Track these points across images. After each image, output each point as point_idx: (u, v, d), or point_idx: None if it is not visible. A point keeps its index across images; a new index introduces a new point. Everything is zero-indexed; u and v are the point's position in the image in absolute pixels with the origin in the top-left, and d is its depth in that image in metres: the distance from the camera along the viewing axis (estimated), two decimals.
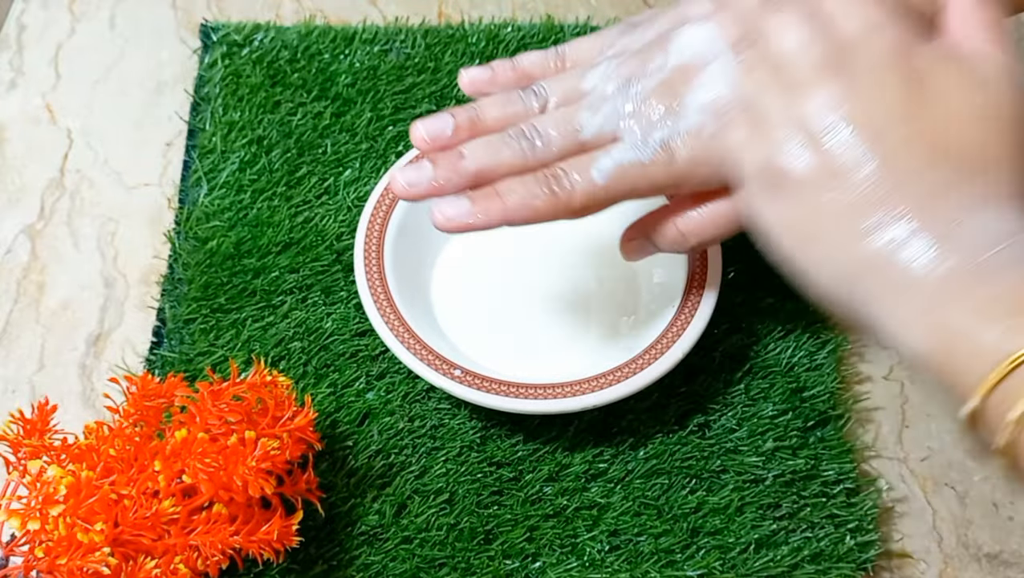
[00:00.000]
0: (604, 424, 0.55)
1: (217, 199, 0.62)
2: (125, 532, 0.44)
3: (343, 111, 0.66)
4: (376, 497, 0.53)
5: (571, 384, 0.51)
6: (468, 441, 0.55)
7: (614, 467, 0.54)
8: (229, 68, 0.67)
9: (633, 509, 0.53)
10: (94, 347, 0.59)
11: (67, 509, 0.43)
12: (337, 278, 0.60)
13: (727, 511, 0.53)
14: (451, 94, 0.67)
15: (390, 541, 0.52)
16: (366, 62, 0.68)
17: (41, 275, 0.61)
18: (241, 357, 0.56)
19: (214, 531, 0.45)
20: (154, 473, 0.45)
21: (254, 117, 0.65)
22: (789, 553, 0.52)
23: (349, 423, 0.55)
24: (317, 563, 0.51)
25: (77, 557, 0.43)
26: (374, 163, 0.64)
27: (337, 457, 0.54)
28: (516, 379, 0.52)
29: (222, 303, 0.58)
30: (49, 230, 0.63)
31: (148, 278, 0.61)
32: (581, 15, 0.72)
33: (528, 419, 0.55)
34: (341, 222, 0.61)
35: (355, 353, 0.57)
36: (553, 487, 0.53)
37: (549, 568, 0.51)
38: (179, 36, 0.71)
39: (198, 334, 0.57)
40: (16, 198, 0.64)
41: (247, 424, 0.46)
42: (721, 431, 0.55)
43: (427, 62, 0.68)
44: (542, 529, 0.52)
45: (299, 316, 0.58)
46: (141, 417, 0.48)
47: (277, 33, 0.69)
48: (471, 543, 0.52)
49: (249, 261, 0.60)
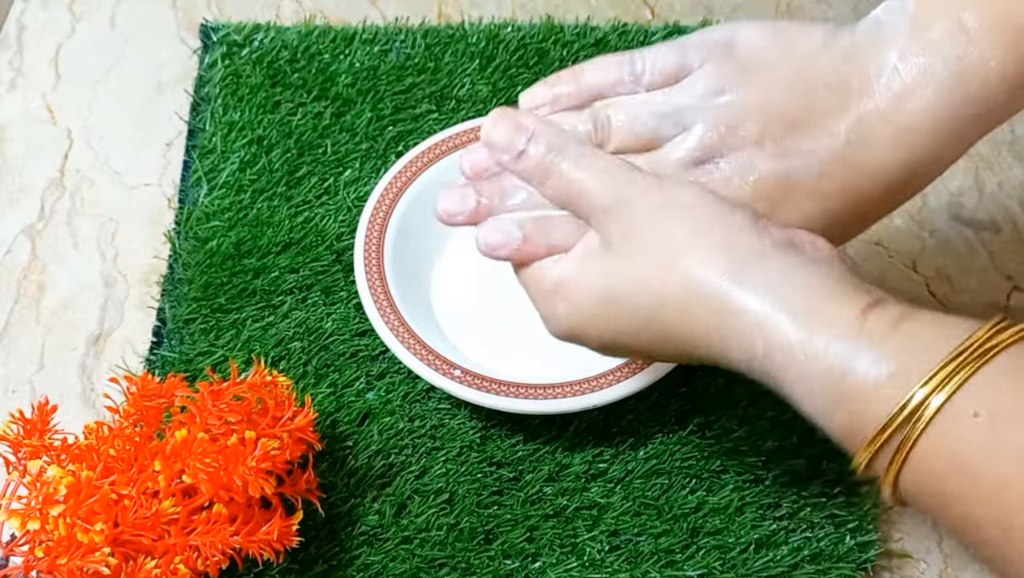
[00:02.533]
0: (604, 424, 0.55)
1: (217, 199, 0.62)
2: (125, 532, 0.44)
3: (343, 111, 0.66)
4: (376, 497, 0.53)
5: (571, 384, 0.51)
6: (468, 441, 0.55)
7: (614, 467, 0.54)
8: (229, 68, 0.67)
9: (633, 509, 0.53)
10: (94, 347, 0.59)
11: (67, 509, 0.43)
12: (337, 278, 0.60)
13: (727, 511, 0.53)
14: (451, 94, 0.67)
15: (390, 541, 0.52)
16: (366, 62, 0.68)
17: (41, 275, 0.61)
18: (241, 357, 0.56)
19: (214, 531, 0.45)
20: (154, 473, 0.45)
21: (254, 117, 0.65)
22: (789, 553, 0.52)
23: (349, 423, 0.55)
24: (317, 563, 0.51)
25: (77, 557, 0.43)
26: (374, 163, 0.64)
27: (337, 457, 0.54)
28: (516, 379, 0.52)
29: (222, 303, 0.58)
30: (49, 230, 0.63)
31: (148, 278, 0.61)
32: (581, 15, 0.72)
33: (528, 419, 0.55)
34: (341, 222, 0.61)
35: (355, 353, 0.57)
36: (553, 487, 0.53)
37: (549, 568, 0.51)
38: (179, 36, 0.71)
39: (198, 334, 0.57)
40: (16, 198, 0.64)
41: (247, 424, 0.46)
42: (721, 431, 0.55)
43: (427, 62, 0.68)
44: (542, 529, 0.52)
45: (299, 316, 0.58)
46: (141, 417, 0.48)
47: (277, 33, 0.69)
48: (471, 543, 0.52)
49: (249, 261, 0.60)
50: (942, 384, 0.32)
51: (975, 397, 0.32)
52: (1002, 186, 0.66)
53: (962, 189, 0.66)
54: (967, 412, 0.32)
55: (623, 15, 0.72)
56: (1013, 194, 0.66)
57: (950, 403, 0.32)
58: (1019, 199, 0.65)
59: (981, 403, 0.32)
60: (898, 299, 0.36)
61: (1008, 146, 0.67)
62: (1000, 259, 0.63)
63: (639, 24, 0.71)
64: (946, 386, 0.32)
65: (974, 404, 0.32)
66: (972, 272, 0.62)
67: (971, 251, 0.63)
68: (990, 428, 0.31)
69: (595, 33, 0.70)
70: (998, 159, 0.67)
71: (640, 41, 0.70)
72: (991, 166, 0.67)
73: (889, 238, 0.64)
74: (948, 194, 0.65)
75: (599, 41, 0.70)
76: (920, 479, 0.33)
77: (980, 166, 0.66)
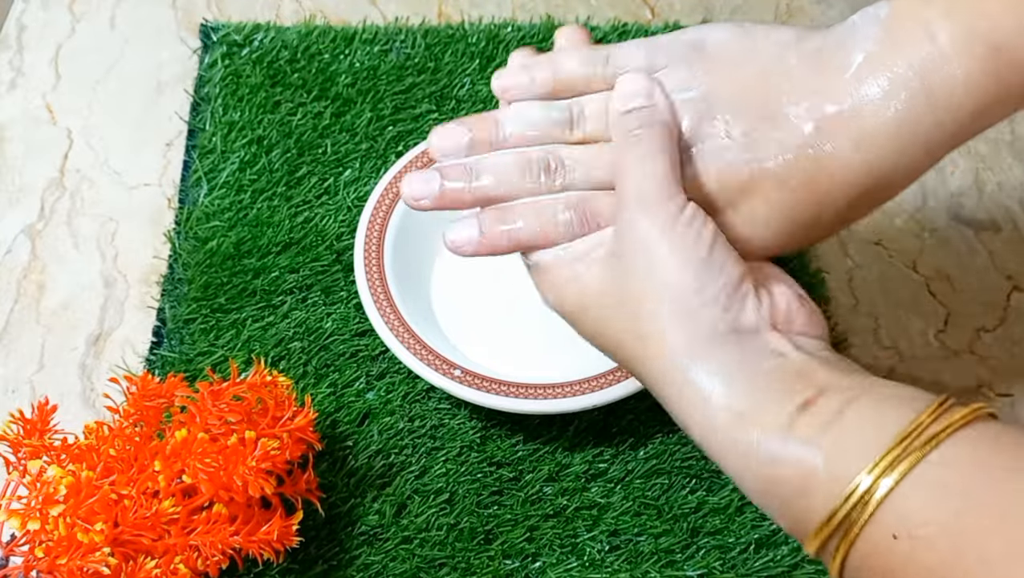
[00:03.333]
0: (604, 424, 0.55)
1: (217, 199, 0.62)
2: (125, 532, 0.44)
3: (343, 111, 0.66)
4: (376, 497, 0.53)
5: (571, 384, 0.51)
6: (468, 441, 0.55)
7: (614, 467, 0.54)
8: (229, 68, 0.67)
9: (633, 509, 0.53)
10: (94, 347, 0.59)
11: (67, 509, 0.43)
12: (337, 278, 0.60)
13: (727, 511, 0.53)
14: (451, 94, 0.67)
15: (390, 541, 0.52)
16: (366, 62, 0.68)
17: (41, 275, 0.61)
18: (241, 357, 0.56)
19: (214, 531, 0.45)
20: (154, 473, 0.45)
21: (254, 117, 0.65)
22: (789, 553, 0.52)
23: (349, 423, 0.55)
24: (317, 563, 0.51)
25: (77, 557, 0.43)
26: (374, 163, 0.64)
27: (337, 457, 0.54)
28: (516, 379, 0.52)
29: (222, 303, 0.58)
30: (49, 230, 0.63)
31: (148, 278, 0.61)
32: (581, 15, 0.72)
33: (528, 419, 0.55)
34: (341, 222, 0.61)
35: (355, 353, 0.57)
36: (553, 487, 0.53)
37: (549, 568, 0.51)
38: (179, 36, 0.71)
39: (198, 334, 0.57)
40: (16, 198, 0.64)
41: (247, 424, 0.46)
42: None
43: (427, 62, 0.68)
44: (542, 529, 0.52)
45: (299, 316, 0.58)
46: (141, 417, 0.48)
47: (277, 33, 0.69)
48: (471, 543, 0.52)
49: (249, 261, 0.60)
50: (888, 469, 0.32)
51: (921, 481, 0.32)
52: (1002, 186, 0.66)
53: (962, 189, 0.66)
54: (887, 532, 0.32)
55: (623, 15, 0.72)
56: (1013, 194, 0.66)
57: (898, 488, 0.32)
58: (1019, 199, 0.65)
59: (928, 487, 0.32)
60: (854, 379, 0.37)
61: (1008, 146, 0.67)
62: (1000, 259, 0.63)
63: (639, 23, 0.71)
64: (894, 471, 0.32)
65: (921, 486, 0.32)
66: (972, 272, 0.62)
67: (971, 251, 0.63)
68: (909, 549, 0.32)
69: (595, 33, 0.70)
70: (998, 159, 0.67)
71: None
72: (991, 166, 0.67)
73: (889, 238, 0.64)
74: (948, 194, 0.65)
75: (599, 41, 0.69)
76: (864, 560, 0.33)
77: (980, 166, 0.66)
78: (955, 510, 0.31)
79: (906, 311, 0.61)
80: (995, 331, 0.60)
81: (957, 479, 0.32)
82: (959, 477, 0.32)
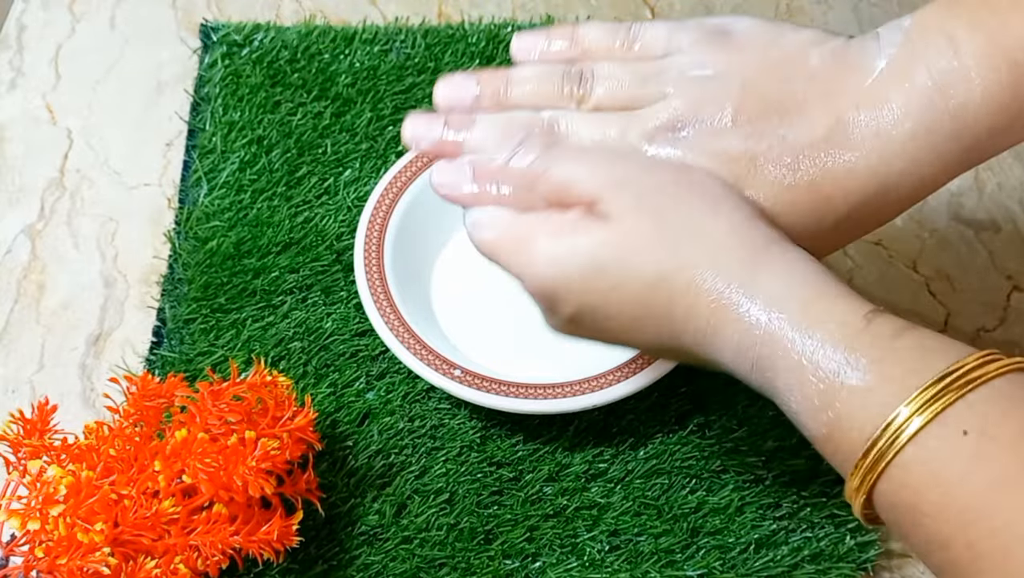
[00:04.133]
0: (604, 424, 0.55)
1: (217, 199, 0.62)
2: (125, 532, 0.44)
3: (343, 111, 0.66)
4: (376, 497, 0.53)
5: (571, 384, 0.51)
6: (468, 441, 0.55)
7: (614, 467, 0.54)
8: (229, 68, 0.67)
9: (633, 509, 0.53)
10: (94, 347, 0.59)
11: (67, 509, 0.43)
12: (337, 278, 0.60)
13: (727, 511, 0.53)
14: None
15: (390, 541, 0.52)
16: (366, 62, 0.68)
17: (41, 275, 0.61)
18: (241, 357, 0.56)
19: (214, 531, 0.45)
20: (154, 473, 0.45)
21: (254, 117, 0.65)
22: (789, 553, 0.52)
23: (349, 423, 0.55)
24: (317, 563, 0.51)
25: (77, 557, 0.43)
26: (374, 163, 0.64)
27: (337, 457, 0.54)
28: (516, 379, 0.52)
29: (222, 303, 0.58)
30: (49, 230, 0.63)
31: (148, 278, 0.61)
32: (581, 14, 0.72)
33: (528, 419, 0.55)
34: (341, 222, 0.61)
35: (355, 353, 0.57)
36: (553, 487, 0.53)
37: (549, 568, 0.51)
38: (179, 36, 0.71)
39: (198, 334, 0.57)
40: (16, 198, 0.64)
41: (247, 424, 0.46)
42: (721, 431, 0.55)
43: (427, 62, 0.68)
44: (542, 529, 0.52)
45: (299, 316, 0.58)
46: (141, 417, 0.48)
47: (277, 33, 0.69)
48: (471, 543, 0.52)
49: (249, 261, 0.60)
50: (927, 404, 0.32)
51: (960, 419, 0.32)
52: (1002, 186, 0.66)
53: (962, 189, 0.66)
54: (956, 430, 0.32)
55: (623, 15, 0.72)
56: (1013, 194, 0.66)
57: (935, 422, 0.32)
58: (1019, 199, 0.65)
59: (967, 424, 0.32)
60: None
61: None
62: (1000, 259, 0.63)
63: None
64: (931, 406, 0.32)
65: (960, 424, 0.32)
66: (972, 272, 0.62)
67: (971, 251, 0.63)
68: (975, 448, 0.31)
69: None
70: (998, 159, 0.67)
71: None
72: (991, 166, 0.67)
73: (889, 238, 0.64)
74: (948, 194, 0.65)
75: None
76: (896, 491, 0.33)
77: (980, 166, 0.66)
78: (987, 453, 0.31)
79: (906, 311, 0.61)
80: (995, 331, 0.60)
81: (992, 422, 0.32)
82: (994, 420, 0.32)
